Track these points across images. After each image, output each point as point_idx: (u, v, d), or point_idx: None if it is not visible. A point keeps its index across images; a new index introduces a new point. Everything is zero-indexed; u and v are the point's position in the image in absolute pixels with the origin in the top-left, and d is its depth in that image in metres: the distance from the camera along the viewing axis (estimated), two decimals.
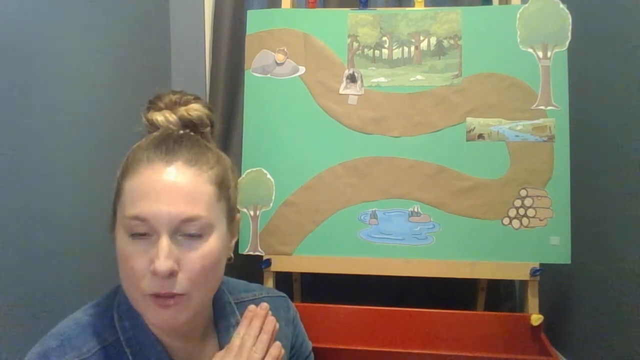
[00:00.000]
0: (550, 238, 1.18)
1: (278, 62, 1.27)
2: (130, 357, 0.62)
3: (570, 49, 1.20)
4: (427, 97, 1.23)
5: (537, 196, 1.19)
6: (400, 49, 1.25)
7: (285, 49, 1.27)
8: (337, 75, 1.25)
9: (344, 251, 1.22)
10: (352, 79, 1.25)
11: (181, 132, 0.68)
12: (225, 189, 0.65)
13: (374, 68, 1.25)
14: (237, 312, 0.74)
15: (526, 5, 1.22)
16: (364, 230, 1.22)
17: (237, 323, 0.70)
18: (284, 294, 0.85)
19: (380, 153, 1.23)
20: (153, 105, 0.71)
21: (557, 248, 1.17)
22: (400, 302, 1.28)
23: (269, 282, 1.24)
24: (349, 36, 1.26)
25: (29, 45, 0.89)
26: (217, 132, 1.77)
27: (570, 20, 1.20)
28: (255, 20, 1.29)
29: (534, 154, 1.20)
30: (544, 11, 1.21)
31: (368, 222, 1.23)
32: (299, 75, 1.26)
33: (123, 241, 0.59)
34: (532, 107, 1.20)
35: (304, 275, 1.47)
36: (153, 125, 0.69)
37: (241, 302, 0.76)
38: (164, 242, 0.57)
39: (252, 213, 1.24)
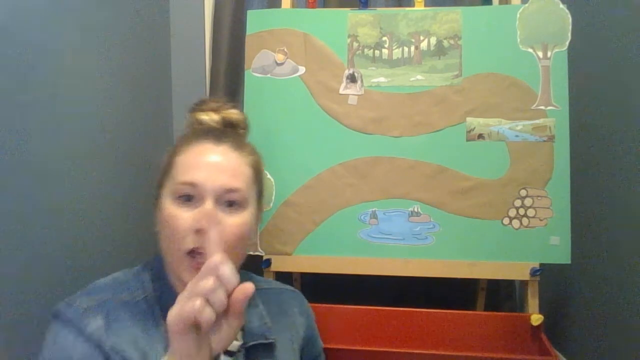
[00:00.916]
0: (550, 238, 1.18)
1: (278, 62, 1.27)
2: (157, 312, 0.70)
3: (570, 49, 1.20)
4: (427, 97, 1.23)
5: (537, 196, 1.19)
6: (400, 49, 1.25)
7: (285, 49, 1.27)
8: (337, 75, 1.25)
9: (344, 251, 1.22)
10: (352, 79, 1.25)
11: (222, 128, 0.80)
12: (259, 175, 0.77)
13: (374, 68, 1.25)
14: (257, 297, 0.82)
15: (526, 5, 1.22)
16: (364, 230, 1.22)
17: (257, 305, 0.81)
18: (300, 292, 0.95)
19: (381, 153, 1.23)
20: (197, 107, 0.83)
21: (557, 248, 1.17)
22: (400, 302, 1.28)
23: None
24: (349, 36, 1.26)
25: (28, 45, 0.89)
26: None
27: (570, 20, 1.20)
28: (255, 20, 1.29)
29: (534, 154, 1.20)
30: (544, 11, 1.21)
31: (368, 222, 1.23)
32: (299, 75, 1.26)
33: (169, 205, 0.68)
34: (532, 107, 1.20)
35: (304, 275, 1.47)
36: (197, 123, 0.80)
37: (262, 290, 0.85)
38: (209, 205, 0.66)
39: None
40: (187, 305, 0.51)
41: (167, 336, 0.65)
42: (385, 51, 1.25)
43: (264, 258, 1.24)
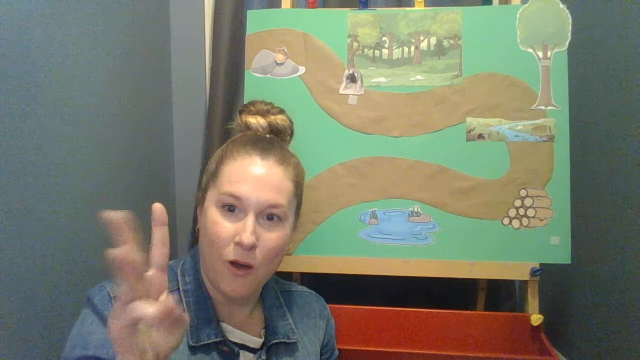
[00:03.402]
0: (550, 238, 1.18)
1: (278, 62, 1.27)
2: (185, 307, 0.72)
3: (570, 49, 1.20)
4: (427, 97, 1.23)
5: (537, 196, 1.19)
6: (400, 49, 1.25)
7: (285, 49, 1.27)
8: (337, 75, 1.25)
9: (344, 251, 1.22)
10: (352, 79, 1.25)
11: (269, 136, 0.81)
12: (300, 189, 0.79)
13: (373, 68, 1.25)
14: (280, 297, 0.86)
15: (526, 5, 1.22)
16: (364, 230, 1.22)
17: (281, 306, 0.84)
18: (322, 298, 0.97)
19: (380, 153, 1.23)
20: (246, 109, 0.84)
21: (557, 248, 1.17)
22: (400, 302, 1.28)
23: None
24: (348, 36, 1.26)
25: (28, 45, 0.89)
26: (218, 132, 1.77)
27: (570, 20, 1.20)
28: (255, 20, 1.29)
29: (534, 154, 1.20)
30: (544, 11, 1.21)
31: (368, 222, 1.23)
32: (299, 75, 1.26)
33: (213, 213, 0.70)
34: (532, 107, 1.20)
35: (304, 275, 1.47)
36: (245, 126, 0.82)
37: (286, 291, 0.89)
38: (251, 219, 0.69)
39: None
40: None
41: (188, 331, 0.70)
42: (385, 51, 1.25)
43: None
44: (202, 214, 0.75)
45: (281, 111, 0.87)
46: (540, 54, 1.21)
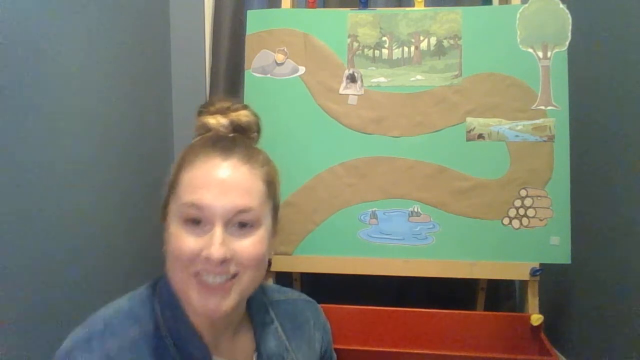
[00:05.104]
0: (550, 238, 1.18)
1: (278, 62, 1.27)
2: (170, 347, 0.63)
3: (570, 49, 1.20)
4: (427, 97, 1.23)
5: (537, 196, 1.19)
6: (400, 49, 1.25)
7: (285, 49, 1.27)
8: (337, 75, 1.25)
9: (344, 251, 1.22)
10: (352, 79, 1.25)
11: (232, 135, 0.71)
12: (273, 188, 0.69)
13: (373, 68, 1.25)
14: (271, 311, 0.77)
15: (526, 5, 1.22)
16: (364, 230, 1.22)
17: (272, 321, 0.75)
18: (315, 301, 0.87)
19: (380, 153, 1.23)
20: (205, 110, 0.74)
21: (557, 248, 1.17)
22: (400, 302, 1.28)
23: (269, 282, 1.24)
24: (349, 36, 1.26)
25: (28, 45, 0.89)
26: None
27: (570, 20, 1.20)
28: (255, 20, 1.29)
29: (534, 154, 1.20)
30: (544, 11, 1.21)
31: (368, 222, 1.23)
32: (299, 75, 1.26)
33: (175, 226, 0.62)
34: (532, 107, 1.20)
35: (304, 275, 1.47)
36: (204, 128, 0.72)
37: (275, 302, 0.79)
38: (219, 230, 0.59)
39: None
40: None
41: None
42: (385, 51, 1.25)
43: None
44: (165, 231, 0.65)
45: (244, 106, 0.76)
46: (540, 54, 1.21)
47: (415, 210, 1.22)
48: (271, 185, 0.68)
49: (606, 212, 1.24)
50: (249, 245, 0.62)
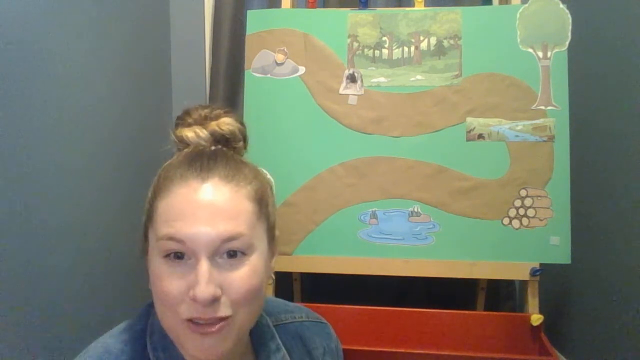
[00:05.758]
0: (550, 238, 1.18)
1: (278, 62, 1.27)
2: None
3: (570, 49, 1.20)
4: (427, 97, 1.23)
5: (537, 196, 1.19)
6: (400, 49, 1.25)
7: (285, 49, 1.27)
8: (337, 75, 1.25)
9: (344, 251, 1.22)
10: (352, 79, 1.25)
11: (213, 147, 0.62)
12: (264, 206, 0.60)
13: (373, 68, 1.25)
14: (277, 336, 0.69)
15: (526, 5, 1.22)
16: (364, 230, 1.22)
17: (278, 348, 0.67)
18: (326, 321, 0.78)
19: (380, 153, 1.23)
20: (181, 122, 0.66)
21: (557, 248, 1.17)
22: (400, 302, 1.28)
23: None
24: (349, 36, 1.26)
25: (28, 45, 0.89)
26: None
27: (570, 20, 1.20)
28: (255, 20, 1.29)
29: (534, 154, 1.20)
30: (544, 11, 1.21)
31: (368, 222, 1.23)
32: (299, 75, 1.26)
33: (157, 265, 0.54)
34: (532, 107, 1.20)
35: (304, 275, 1.47)
36: (183, 142, 0.64)
37: (281, 325, 0.71)
38: (204, 266, 0.52)
39: None
40: None
41: None
42: (385, 51, 1.25)
43: None
44: (148, 267, 0.58)
45: (226, 112, 0.65)
46: (540, 54, 1.21)
47: (415, 210, 1.22)
48: (262, 202, 0.59)
49: (606, 212, 1.24)
50: (241, 277, 0.54)
